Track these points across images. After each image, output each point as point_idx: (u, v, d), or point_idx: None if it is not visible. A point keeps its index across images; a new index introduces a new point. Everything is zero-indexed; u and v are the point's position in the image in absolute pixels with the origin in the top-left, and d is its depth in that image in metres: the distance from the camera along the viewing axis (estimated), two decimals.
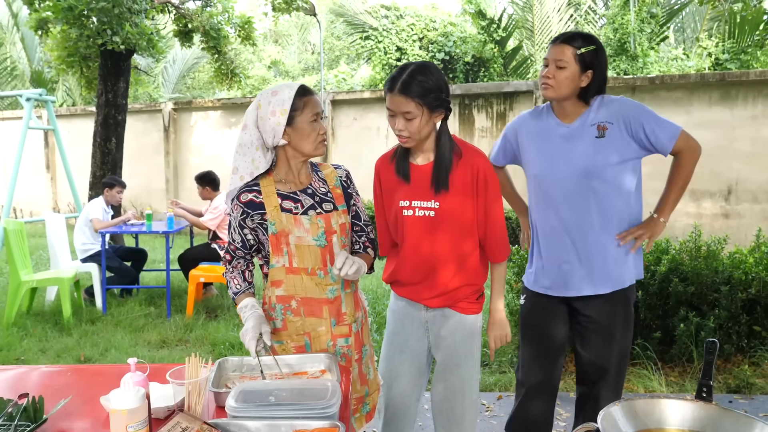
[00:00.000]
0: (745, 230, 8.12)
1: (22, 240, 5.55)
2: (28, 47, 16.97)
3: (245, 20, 9.02)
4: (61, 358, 4.56)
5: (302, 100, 1.97)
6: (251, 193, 2.01)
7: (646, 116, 2.24)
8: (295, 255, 2.00)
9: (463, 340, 2.21)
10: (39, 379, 1.97)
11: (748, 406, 3.55)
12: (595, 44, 2.23)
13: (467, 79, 14.78)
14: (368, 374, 2.17)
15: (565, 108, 2.31)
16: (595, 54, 2.23)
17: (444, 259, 2.13)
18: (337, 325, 2.05)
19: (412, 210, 2.12)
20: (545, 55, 2.30)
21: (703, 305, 3.98)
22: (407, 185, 2.13)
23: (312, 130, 1.98)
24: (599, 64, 2.24)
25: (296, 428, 1.43)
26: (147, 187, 11.73)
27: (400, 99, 1.98)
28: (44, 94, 8.35)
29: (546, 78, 2.26)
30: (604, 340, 2.35)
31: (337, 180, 2.13)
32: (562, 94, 2.25)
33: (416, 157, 2.14)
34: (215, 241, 6.19)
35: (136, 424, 1.42)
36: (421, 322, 2.25)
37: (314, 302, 2.02)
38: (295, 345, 2.04)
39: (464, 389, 2.24)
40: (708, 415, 1.23)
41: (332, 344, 2.05)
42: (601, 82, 2.27)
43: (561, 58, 2.22)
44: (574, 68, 2.22)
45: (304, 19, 24.37)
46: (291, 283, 2.02)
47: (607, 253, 2.31)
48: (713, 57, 12.78)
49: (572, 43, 2.22)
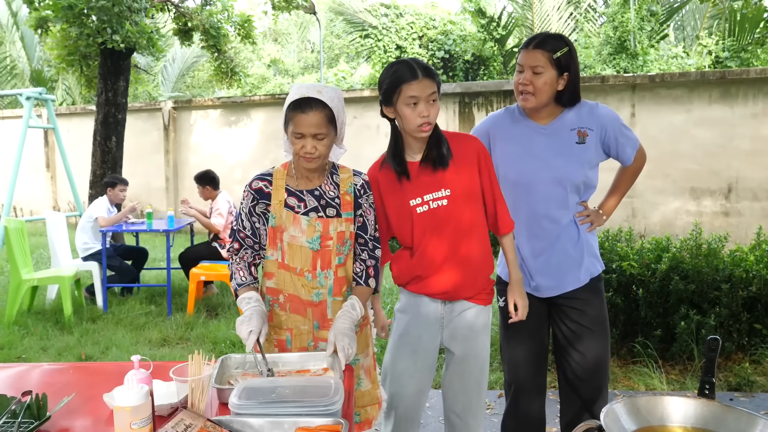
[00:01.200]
0: (746, 228, 8.12)
1: (23, 239, 5.55)
2: (27, 46, 16.96)
3: (245, 19, 9.01)
4: (62, 356, 4.56)
5: (292, 113, 1.95)
6: (263, 182, 2.05)
7: (619, 128, 2.31)
8: (286, 252, 2.02)
9: (480, 332, 2.24)
10: (41, 377, 1.98)
11: (749, 404, 3.55)
12: (567, 45, 2.20)
13: (467, 78, 14.77)
14: (358, 385, 2.12)
15: (540, 111, 2.28)
16: (569, 55, 2.20)
17: (467, 239, 2.14)
18: (320, 329, 2.06)
19: (426, 205, 2.10)
20: (518, 60, 2.25)
21: (703, 303, 3.98)
22: (410, 183, 2.12)
23: (294, 144, 1.96)
24: (573, 65, 2.22)
25: (299, 425, 1.43)
26: (147, 186, 11.72)
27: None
28: (44, 92, 8.34)
29: (524, 85, 2.20)
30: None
31: (351, 187, 2.08)
32: (543, 101, 2.21)
33: (412, 154, 2.14)
34: (216, 239, 6.19)
35: (139, 421, 1.42)
36: (437, 318, 2.22)
37: (299, 301, 2.04)
38: (277, 338, 2.06)
39: (480, 381, 2.27)
40: (710, 412, 1.23)
41: (313, 345, 2.06)
42: (576, 83, 2.24)
43: (537, 64, 2.16)
44: (552, 73, 2.17)
45: (304, 17, 24.36)
46: (281, 278, 2.04)
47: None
48: (713, 55, 12.78)
49: (545, 47, 2.17)
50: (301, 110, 1.92)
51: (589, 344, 2.35)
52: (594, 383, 2.38)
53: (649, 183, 8.60)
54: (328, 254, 2.03)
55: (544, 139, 2.27)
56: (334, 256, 2.04)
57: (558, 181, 2.25)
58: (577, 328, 2.36)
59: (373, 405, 2.16)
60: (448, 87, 10.02)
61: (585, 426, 1.22)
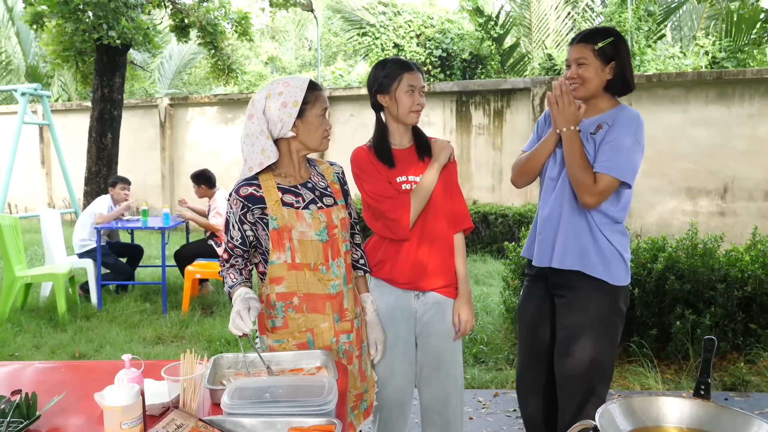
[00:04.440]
0: (741, 228, 8.14)
1: (17, 235, 5.53)
2: (23, 42, 16.88)
3: (242, 16, 8.98)
4: (56, 354, 4.54)
5: (313, 94, 1.99)
6: (251, 187, 1.98)
7: (622, 137, 2.19)
8: (297, 250, 1.97)
9: (452, 329, 2.28)
10: (32, 376, 1.96)
11: (744, 403, 3.55)
12: (612, 35, 2.25)
13: (464, 76, 14.77)
14: (366, 370, 2.16)
15: (590, 104, 2.32)
16: (615, 45, 2.24)
17: (438, 226, 2.26)
18: (339, 321, 2.04)
19: (410, 184, 2.24)
20: (566, 58, 2.33)
21: (699, 303, 3.98)
22: (393, 168, 2.24)
23: (321, 124, 2.00)
24: (620, 55, 2.25)
25: (292, 425, 1.41)
26: (143, 183, 11.70)
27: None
28: (39, 88, 8.31)
29: (571, 79, 2.27)
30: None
31: (335, 176, 2.15)
32: (591, 90, 2.26)
33: (396, 142, 2.29)
34: (212, 237, 6.17)
35: (130, 421, 1.40)
36: (411, 313, 2.28)
37: (317, 298, 2.00)
38: (297, 342, 2.00)
39: (457, 377, 2.31)
40: (706, 413, 1.23)
41: (335, 340, 2.03)
42: (625, 71, 2.27)
43: (581, 56, 2.24)
44: (596, 63, 2.23)
45: (301, 15, 24.31)
46: (293, 280, 1.98)
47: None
48: (710, 55, 12.78)
49: (589, 40, 2.24)
50: (320, 89, 2.03)
51: (580, 346, 2.34)
52: (581, 387, 2.32)
53: (646, 183, 8.61)
54: (336, 243, 2.03)
55: (579, 128, 2.28)
56: (341, 244, 2.05)
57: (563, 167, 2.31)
58: (569, 330, 2.33)
59: (373, 388, 2.20)
60: (445, 85, 10.02)
61: (580, 426, 1.21)
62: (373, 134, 2.30)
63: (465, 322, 2.26)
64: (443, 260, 2.26)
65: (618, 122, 2.22)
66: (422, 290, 2.26)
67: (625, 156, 2.17)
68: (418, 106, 2.21)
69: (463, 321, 2.26)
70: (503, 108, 9.77)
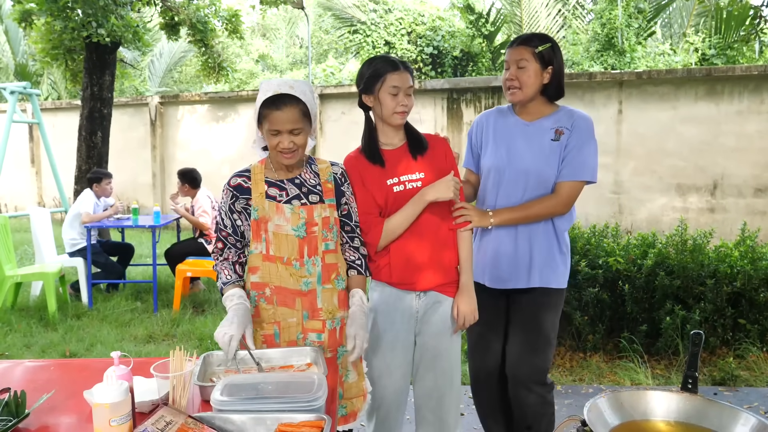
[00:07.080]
0: (731, 224, 8.19)
1: (7, 235, 5.49)
2: (12, 40, 16.73)
3: (232, 13, 8.93)
4: (46, 353, 4.51)
5: (266, 111, 1.95)
6: (241, 178, 2.06)
7: (586, 144, 2.33)
8: (272, 243, 2.01)
9: (451, 326, 2.26)
10: (22, 374, 1.95)
11: (733, 398, 3.58)
12: (550, 42, 2.35)
13: (455, 74, 14.78)
14: (345, 377, 2.11)
15: (529, 108, 2.41)
16: (552, 50, 2.34)
17: (435, 224, 2.22)
18: (309, 319, 2.03)
19: (402, 185, 2.20)
20: (505, 59, 2.40)
21: (688, 298, 4.01)
22: (384, 169, 2.20)
23: (273, 143, 1.98)
24: (557, 60, 2.35)
25: (282, 422, 1.42)
26: (133, 181, 11.64)
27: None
28: (29, 87, 8.24)
29: (510, 81, 2.36)
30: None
31: (331, 176, 2.12)
32: (529, 95, 2.35)
33: (386, 141, 2.24)
34: (202, 235, 6.16)
35: (119, 418, 1.40)
36: (411, 313, 2.25)
37: (287, 292, 2.02)
38: (264, 333, 2.03)
39: (452, 376, 2.28)
40: (693, 407, 1.24)
41: (302, 337, 2.03)
42: (560, 77, 2.37)
43: (521, 57, 2.33)
44: (535, 66, 2.33)
45: (292, 12, 24.24)
46: (266, 271, 2.02)
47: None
48: (700, 52, 12.85)
49: (529, 43, 2.34)
50: (275, 107, 1.93)
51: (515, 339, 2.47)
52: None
53: (636, 179, 8.65)
54: (314, 240, 2.02)
55: (524, 134, 2.40)
56: (320, 242, 2.03)
57: (524, 171, 2.36)
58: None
59: (359, 397, 2.15)
60: (436, 83, 10.01)
61: (569, 421, 1.21)
62: (362, 135, 2.26)
63: (464, 315, 2.22)
64: (435, 254, 2.22)
65: (577, 127, 2.34)
66: (422, 290, 2.24)
67: (591, 160, 2.34)
68: (402, 107, 2.14)
69: (462, 313, 2.22)
70: (494, 105, 9.77)
